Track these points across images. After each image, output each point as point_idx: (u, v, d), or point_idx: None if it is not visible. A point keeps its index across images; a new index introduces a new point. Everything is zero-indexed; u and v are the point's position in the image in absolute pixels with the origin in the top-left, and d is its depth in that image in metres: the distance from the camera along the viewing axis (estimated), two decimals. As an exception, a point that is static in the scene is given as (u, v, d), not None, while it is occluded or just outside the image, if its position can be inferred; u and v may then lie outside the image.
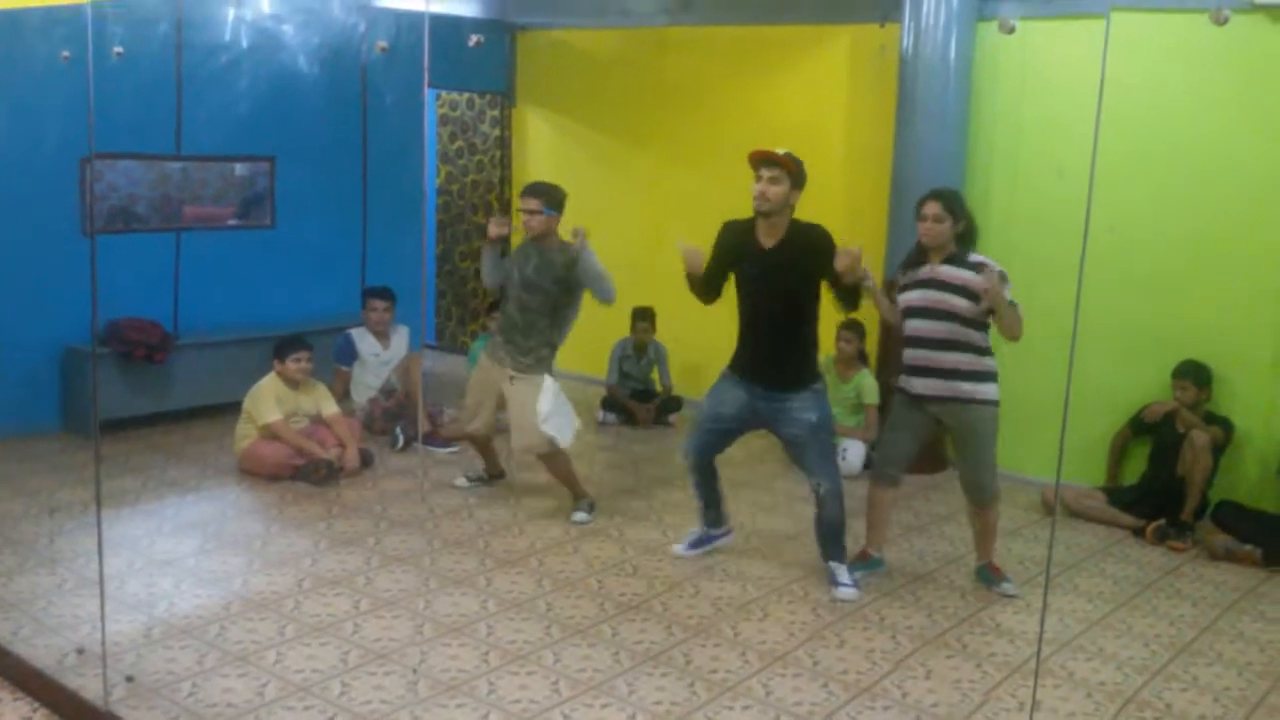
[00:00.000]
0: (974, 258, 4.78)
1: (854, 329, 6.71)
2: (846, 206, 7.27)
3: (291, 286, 7.89)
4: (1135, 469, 6.16)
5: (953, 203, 4.81)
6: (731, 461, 6.72)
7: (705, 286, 4.92)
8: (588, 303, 5.72)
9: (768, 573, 5.06)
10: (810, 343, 4.82)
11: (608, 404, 7.76)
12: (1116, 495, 5.97)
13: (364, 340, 7.25)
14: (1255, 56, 5.74)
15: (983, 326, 4.74)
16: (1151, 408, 5.96)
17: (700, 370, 7.98)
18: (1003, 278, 4.65)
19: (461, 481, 6.17)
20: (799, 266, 4.69)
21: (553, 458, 5.67)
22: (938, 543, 5.56)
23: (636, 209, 8.41)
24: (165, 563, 4.93)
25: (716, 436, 5.05)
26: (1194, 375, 5.77)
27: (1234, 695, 4.03)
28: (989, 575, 4.99)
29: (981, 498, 4.90)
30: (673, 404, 7.78)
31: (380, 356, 7.26)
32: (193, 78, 7.17)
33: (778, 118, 7.57)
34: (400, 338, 7.38)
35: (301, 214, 7.90)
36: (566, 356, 8.56)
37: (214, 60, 7.23)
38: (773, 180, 4.62)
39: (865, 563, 5.09)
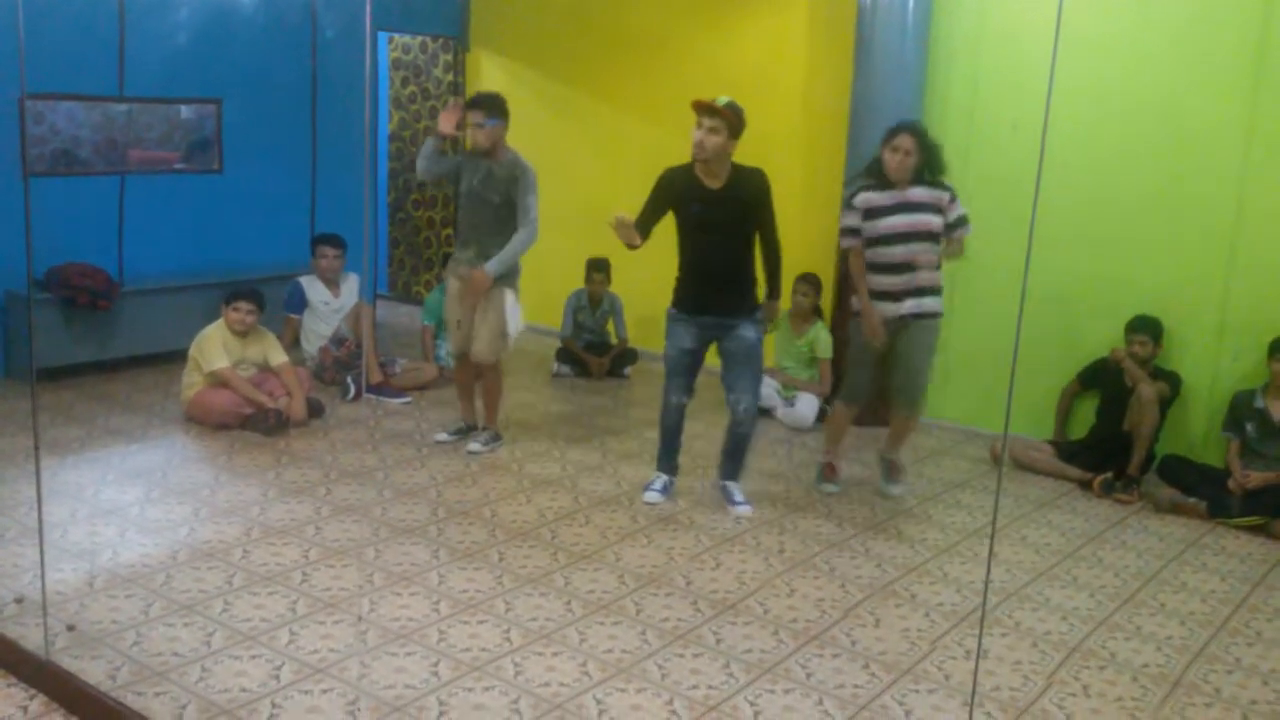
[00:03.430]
0: (931, 176, 5.07)
1: (810, 282, 6.72)
2: (804, 157, 7.24)
3: (239, 233, 7.74)
4: (1083, 422, 6.22)
5: (924, 137, 5.04)
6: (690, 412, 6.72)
7: (638, 233, 5.00)
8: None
9: (720, 523, 5.07)
10: (752, 276, 5.08)
11: (562, 356, 7.71)
12: (1064, 448, 6.03)
13: (314, 288, 7.14)
14: (1207, 11, 5.75)
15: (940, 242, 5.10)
16: (1117, 351, 5.92)
17: (656, 322, 7.90)
18: (954, 195, 5.07)
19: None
20: (744, 206, 4.95)
21: (496, 373, 5.90)
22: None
23: (592, 158, 8.32)
24: (109, 512, 4.84)
25: (689, 374, 5.22)
26: (1151, 329, 5.81)
27: (1176, 644, 4.10)
28: (888, 472, 5.49)
29: (915, 408, 5.30)
30: (628, 356, 7.75)
31: (330, 304, 7.16)
32: (133, 11, 6.97)
33: (735, 67, 7.50)
34: (350, 285, 7.29)
35: (249, 158, 7.73)
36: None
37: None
38: (712, 130, 4.81)
39: (833, 480, 5.58)
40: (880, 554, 4.82)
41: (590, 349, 7.72)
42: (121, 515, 4.81)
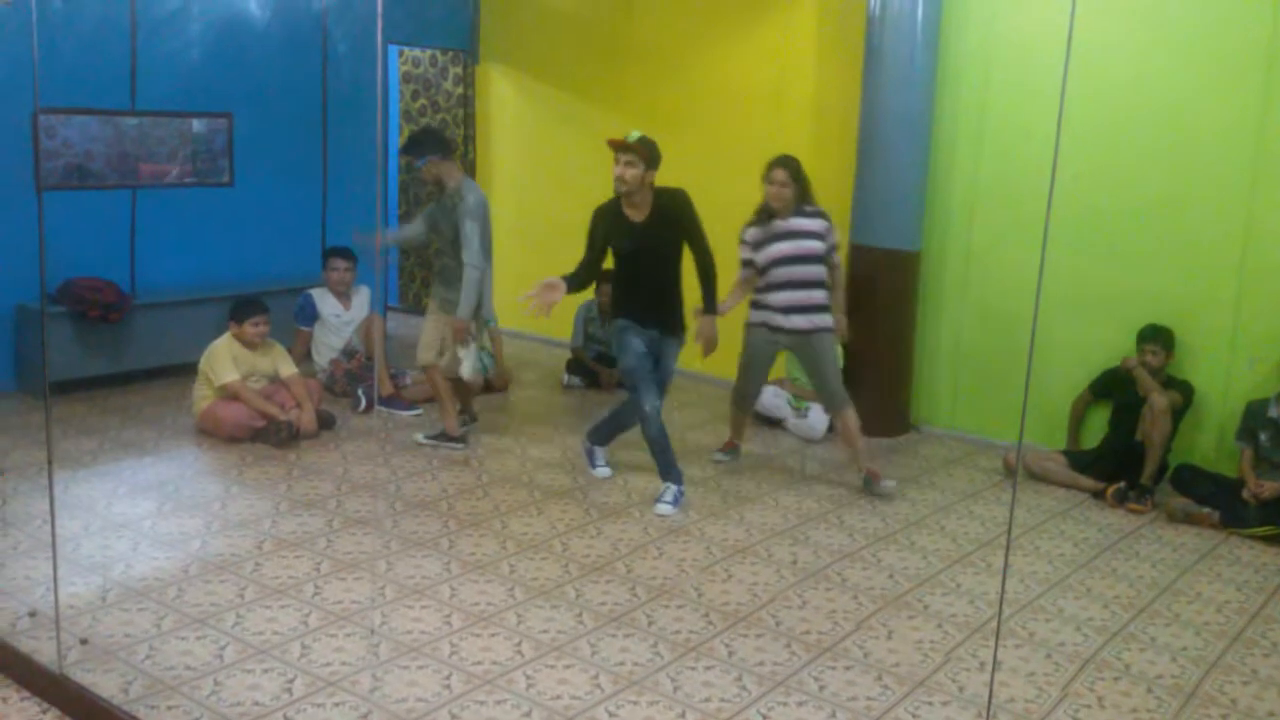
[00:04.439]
0: (809, 207, 5.72)
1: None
2: (812, 168, 7.21)
3: (250, 246, 7.75)
4: (1096, 432, 6.20)
5: (796, 170, 5.68)
6: (693, 424, 6.72)
7: (587, 274, 5.47)
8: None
9: (731, 534, 5.06)
10: (679, 291, 5.51)
11: (572, 367, 7.72)
12: (1077, 458, 6.01)
13: (325, 300, 7.15)
14: (1217, 21, 5.75)
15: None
16: (1128, 360, 5.93)
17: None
18: (832, 224, 5.76)
19: (420, 438, 6.19)
20: (667, 233, 5.39)
21: (467, 387, 6.28)
22: (899, 505, 5.58)
23: (600, 171, 8.26)
24: (122, 525, 4.85)
25: (652, 374, 5.49)
26: (1163, 339, 5.79)
27: (1191, 655, 4.08)
28: (870, 482, 5.72)
29: (841, 403, 5.72)
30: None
31: (341, 317, 7.17)
32: (144, 26, 7.01)
33: (745, 78, 7.51)
34: (361, 298, 7.29)
35: (260, 171, 7.75)
36: (533, 319, 8.53)
37: (166, 5, 7.09)
38: (629, 164, 5.26)
39: (730, 450, 6.15)
40: (892, 565, 4.80)
41: (601, 360, 7.72)
42: (134, 528, 4.82)
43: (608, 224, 5.42)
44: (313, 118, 8.02)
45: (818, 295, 5.66)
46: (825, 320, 5.66)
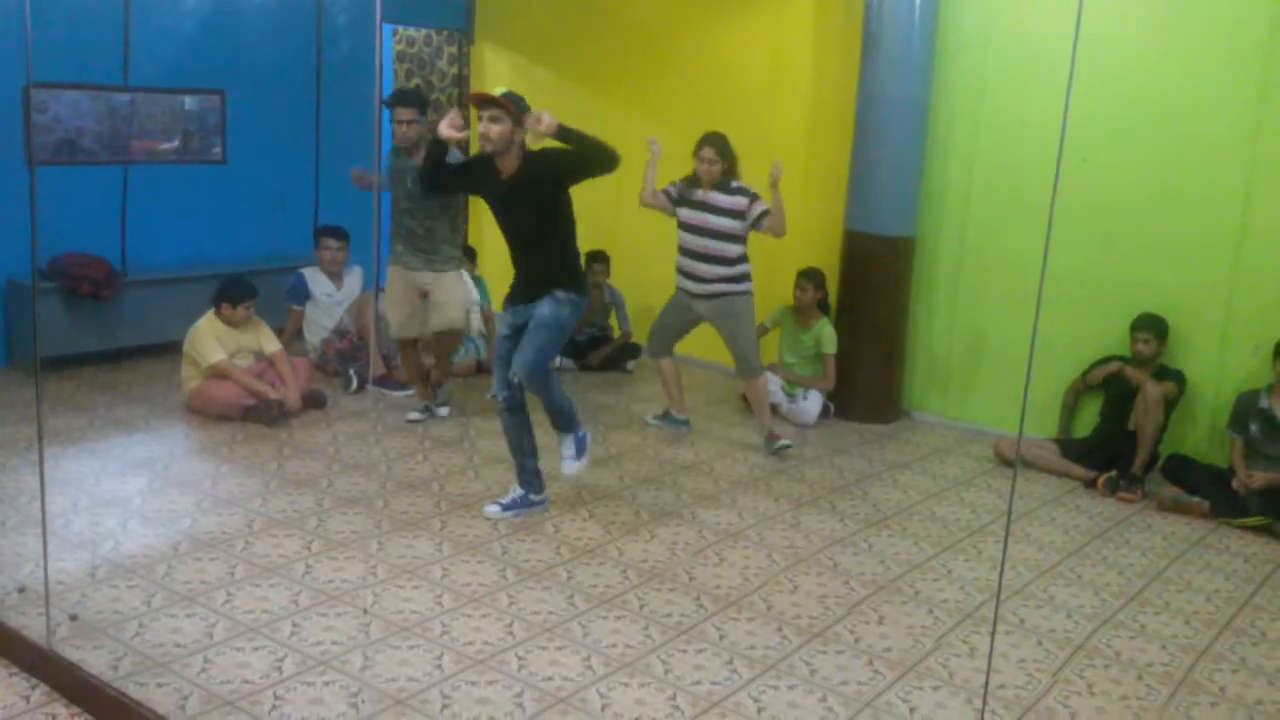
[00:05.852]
0: (735, 184, 5.85)
1: (812, 278, 6.66)
2: (809, 153, 7.22)
3: (242, 224, 7.72)
4: (1087, 421, 6.21)
5: (724, 146, 5.85)
6: (690, 409, 6.71)
7: (433, 172, 5.08)
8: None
9: (724, 518, 5.06)
10: (559, 257, 4.92)
11: (564, 348, 7.67)
12: (1068, 446, 6.02)
13: (316, 280, 7.12)
14: (1215, 13, 5.74)
15: (742, 240, 5.87)
16: (1094, 372, 6.01)
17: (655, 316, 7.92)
18: (756, 196, 5.85)
19: (414, 415, 6.24)
20: (534, 189, 4.84)
21: (454, 338, 6.41)
22: (891, 490, 5.59)
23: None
24: (111, 502, 4.83)
25: (507, 363, 4.91)
26: (1155, 328, 5.80)
27: (1181, 643, 4.09)
28: (770, 442, 6.03)
29: (750, 371, 6.02)
30: (631, 350, 7.72)
31: (333, 297, 7.14)
32: (138, 1, 6.94)
33: (742, 61, 7.47)
34: (354, 278, 7.27)
35: (252, 149, 7.71)
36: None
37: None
38: (493, 119, 4.72)
39: (668, 418, 6.39)
40: (884, 550, 4.81)
41: (591, 343, 7.69)
42: (123, 505, 4.80)
43: (479, 173, 4.99)
44: (306, 96, 7.97)
45: (721, 269, 5.88)
46: (730, 286, 5.91)
